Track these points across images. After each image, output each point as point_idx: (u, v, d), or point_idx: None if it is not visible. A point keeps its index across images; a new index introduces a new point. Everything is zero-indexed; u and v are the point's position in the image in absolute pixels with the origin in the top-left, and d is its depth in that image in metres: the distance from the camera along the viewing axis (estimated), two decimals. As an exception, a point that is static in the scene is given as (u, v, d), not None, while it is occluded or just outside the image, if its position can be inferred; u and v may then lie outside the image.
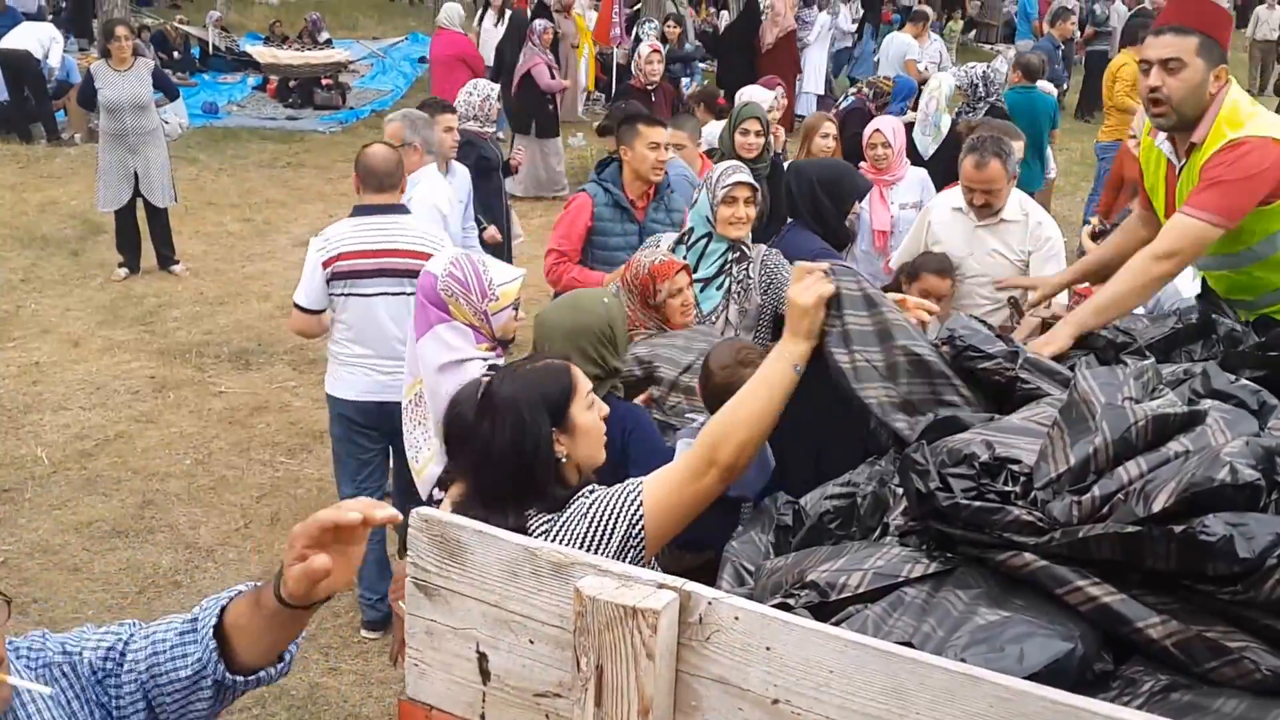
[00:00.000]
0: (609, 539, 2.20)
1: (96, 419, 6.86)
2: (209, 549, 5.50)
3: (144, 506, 5.86)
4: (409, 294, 4.39)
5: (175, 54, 17.34)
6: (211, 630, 1.75)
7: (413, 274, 4.28)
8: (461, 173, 6.44)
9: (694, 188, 4.62)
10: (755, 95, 7.07)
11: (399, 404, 3.90)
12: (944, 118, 7.77)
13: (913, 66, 12.14)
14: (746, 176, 4.16)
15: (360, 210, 4.71)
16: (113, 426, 6.75)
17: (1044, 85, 9.57)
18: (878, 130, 6.15)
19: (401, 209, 4.78)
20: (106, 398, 7.16)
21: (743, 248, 4.17)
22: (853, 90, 10.23)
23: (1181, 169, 3.14)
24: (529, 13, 16.46)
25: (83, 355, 7.84)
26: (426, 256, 4.37)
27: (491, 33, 13.60)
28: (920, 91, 8.69)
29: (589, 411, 2.45)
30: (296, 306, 4.72)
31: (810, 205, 4.54)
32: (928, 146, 7.67)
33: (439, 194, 5.60)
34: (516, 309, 3.74)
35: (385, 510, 1.65)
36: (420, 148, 5.72)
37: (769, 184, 5.50)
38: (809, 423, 2.49)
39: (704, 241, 4.15)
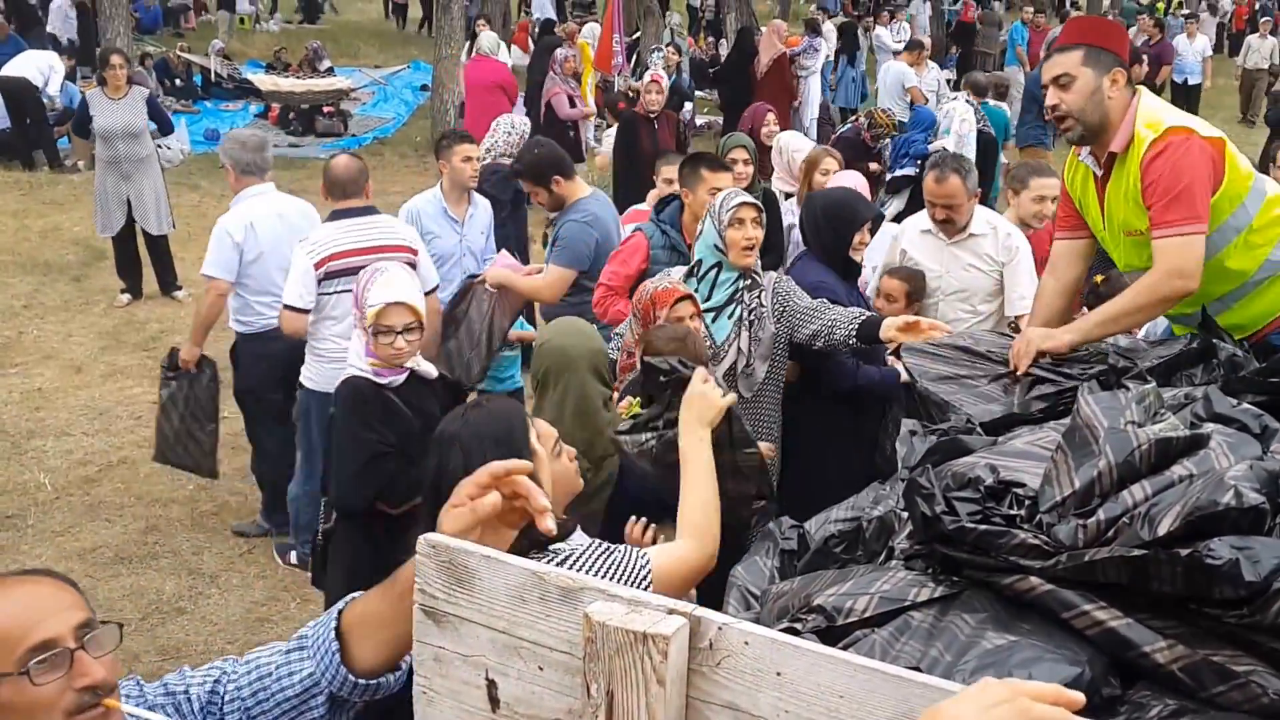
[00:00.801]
0: None
1: (99, 444, 6.86)
2: (213, 575, 5.49)
3: (147, 532, 5.86)
4: None
5: (178, 81, 17.43)
6: (332, 631, 1.72)
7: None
8: (483, 205, 6.34)
9: None
10: (793, 142, 6.92)
11: None
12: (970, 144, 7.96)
13: (917, 93, 12.19)
14: (749, 197, 4.18)
15: (338, 214, 5.10)
16: (116, 452, 6.76)
17: (994, 102, 10.37)
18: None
19: (373, 209, 5.24)
20: (109, 423, 7.17)
21: (754, 275, 4.15)
22: (851, 119, 10.31)
23: (1108, 180, 3.18)
24: (531, 39, 16.58)
25: (85, 381, 7.85)
26: (413, 250, 5.17)
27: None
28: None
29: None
30: (288, 308, 4.98)
31: (816, 235, 4.55)
32: None
33: (236, 220, 5.61)
34: (401, 334, 3.64)
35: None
36: (232, 168, 5.83)
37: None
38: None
39: (714, 271, 4.13)
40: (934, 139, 9.31)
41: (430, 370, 3.94)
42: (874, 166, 7.96)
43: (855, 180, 5.92)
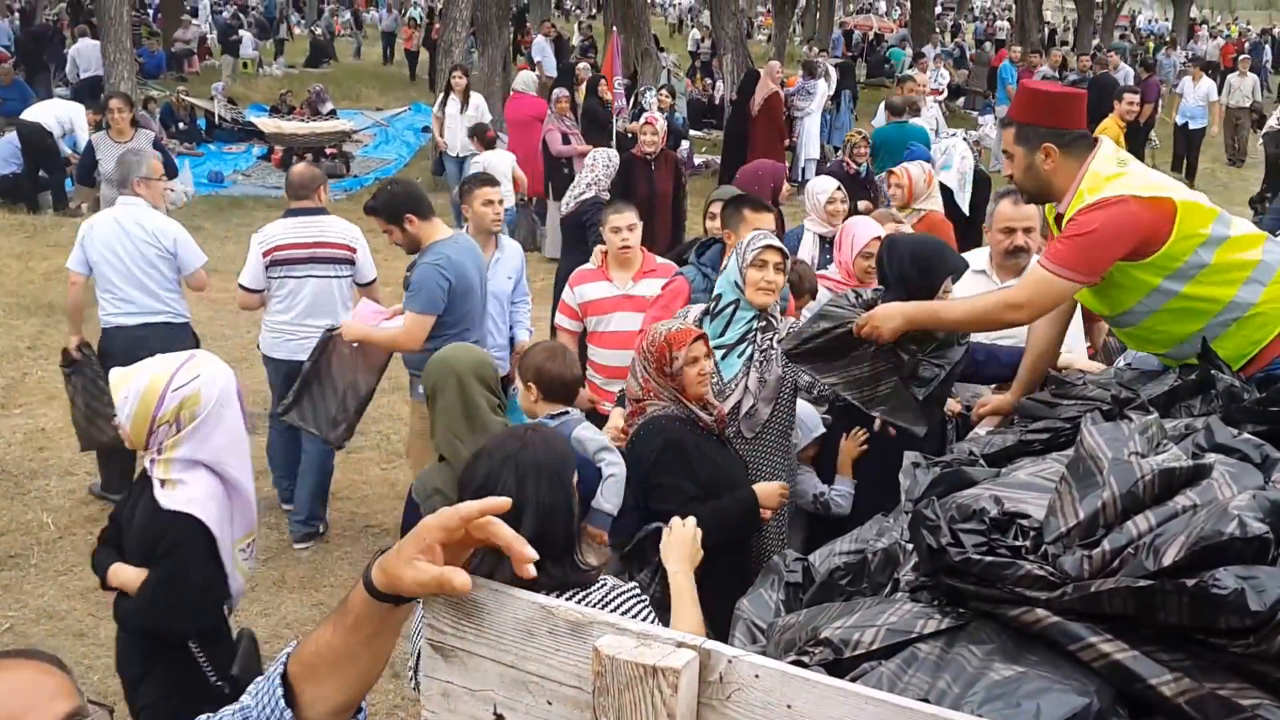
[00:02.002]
0: None
1: (103, 485, 6.86)
2: (215, 615, 5.48)
3: (150, 573, 5.83)
4: (332, 277, 6.16)
5: (182, 125, 17.57)
6: (278, 681, 1.59)
7: (337, 261, 6.18)
8: (511, 249, 6.28)
9: None
10: (819, 184, 6.52)
11: None
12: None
13: None
14: (776, 242, 4.14)
15: (290, 213, 6.18)
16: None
17: (915, 120, 11.47)
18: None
19: (322, 210, 6.23)
20: (112, 464, 7.16)
21: (770, 318, 4.13)
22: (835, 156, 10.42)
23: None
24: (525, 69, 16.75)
25: (89, 422, 7.85)
26: (350, 249, 6.22)
27: (456, 119, 13.09)
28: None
29: None
30: (240, 287, 6.17)
31: (901, 281, 4.44)
32: (966, 203, 7.92)
33: (87, 222, 6.46)
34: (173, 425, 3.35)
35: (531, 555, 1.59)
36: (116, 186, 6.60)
37: None
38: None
39: (731, 308, 4.12)
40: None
41: None
42: (863, 205, 7.94)
43: (866, 221, 5.88)
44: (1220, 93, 18.50)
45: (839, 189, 6.42)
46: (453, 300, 5.22)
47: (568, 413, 3.97)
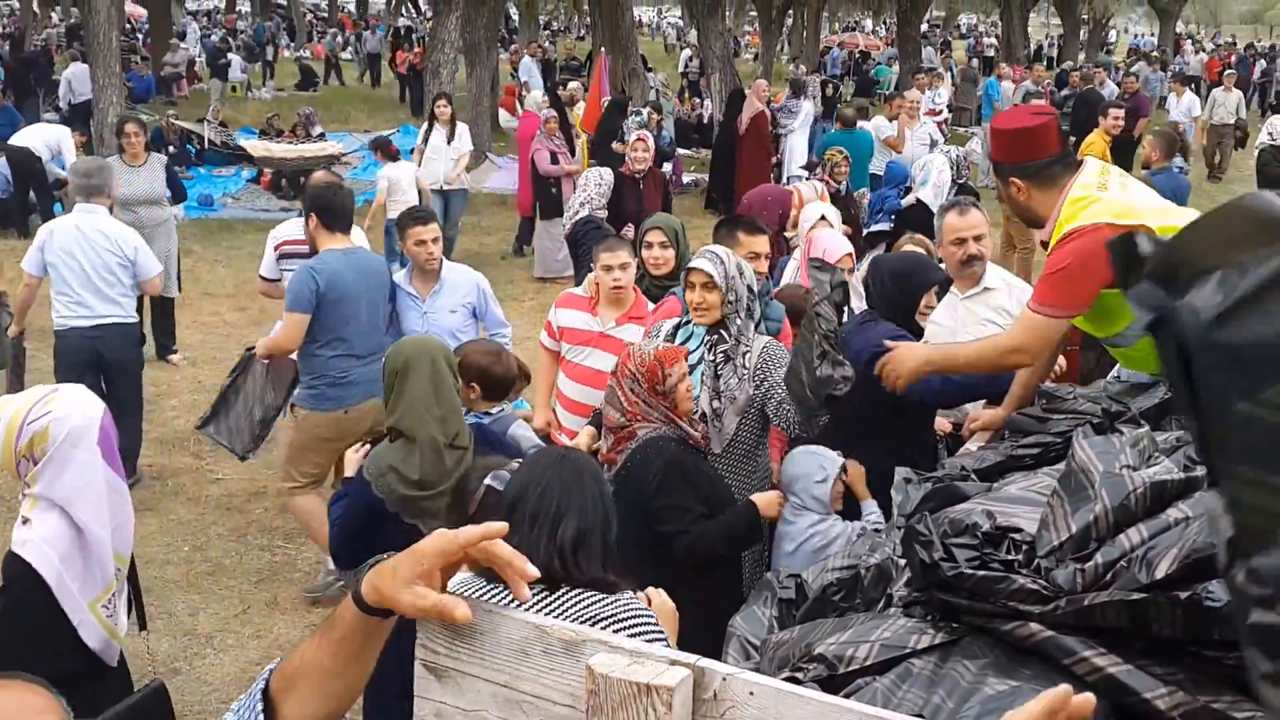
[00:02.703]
0: None
1: (93, 510, 6.83)
2: (208, 635, 5.45)
3: (143, 594, 5.81)
4: None
5: (171, 149, 17.57)
6: (259, 696, 1.59)
7: None
8: (456, 286, 5.76)
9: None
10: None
11: None
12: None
13: (894, 142, 12.31)
14: (699, 264, 4.09)
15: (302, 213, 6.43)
16: (109, 517, 6.73)
17: (864, 124, 12.20)
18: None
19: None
20: (103, 488, 7.14)
21: (722, 332, 4.09)
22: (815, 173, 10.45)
23: None
24: (519, 102, 16.78)
25: (79, 446, 7.83)
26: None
27: (442, 150, 11.89)
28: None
29: None
30: (260, 277, 6.69)
31: (883, 298, 4.45)
32: None
33: (46, 226, 6.76)
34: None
35: (532, 572, 1.58)
36: (74, 194, 6.92)
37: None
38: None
39: (689, 325, 4.15)
40: (907, 193, 9.44)
41: None
42: (846, 229, 7.73)
43: (835, 235, 5.73)
44: (1204, 108, 18.37)
45: (823, 217, 6.36)
46: (323, 306, 5.36)
47: (504, 409, 4.13)
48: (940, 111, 14.88)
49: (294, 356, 5.64)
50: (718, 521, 3.59)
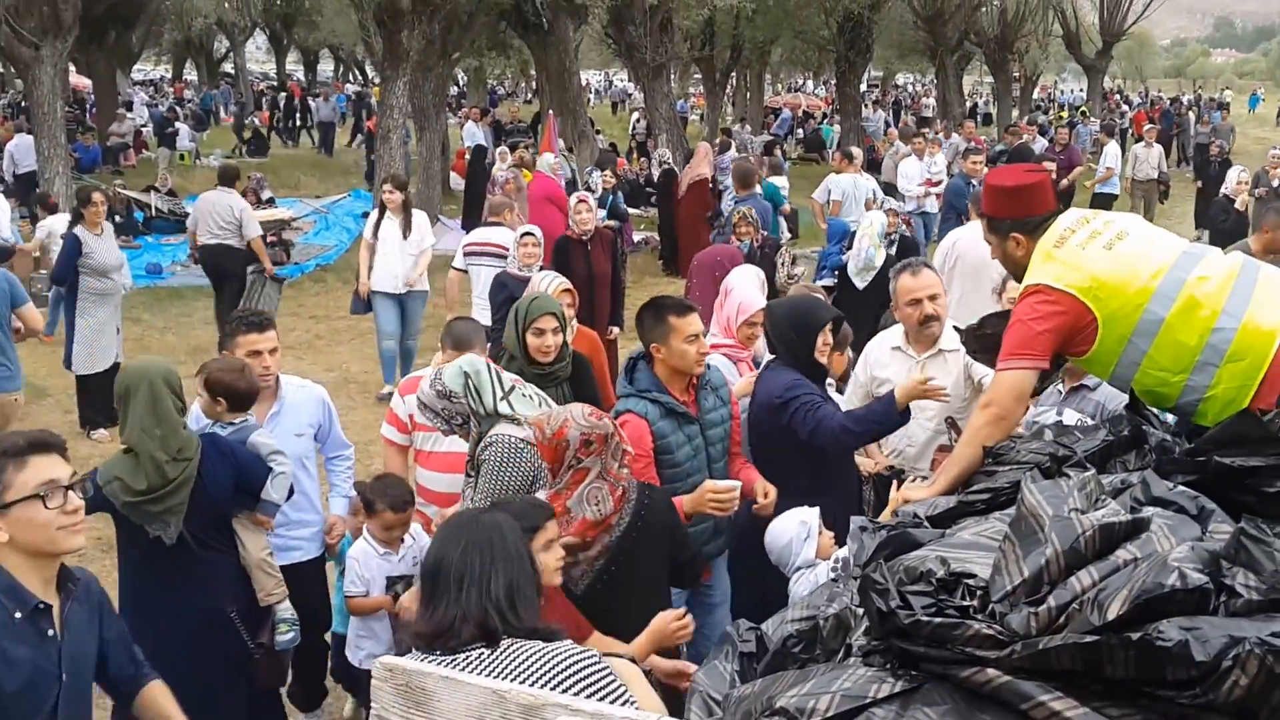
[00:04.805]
0: None
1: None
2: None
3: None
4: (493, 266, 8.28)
5: (118, 218, 17.44)
6: None
7: (497, 256, 8.55)
8: (298, 399, 4.75)
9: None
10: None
11: None
12: (877, 253, 8.08)
13: (836, 206, 12.42)
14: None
15: (485, 223, 8.45)
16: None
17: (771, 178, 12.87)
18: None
19: (500, 224, 9.11)
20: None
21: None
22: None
23: None
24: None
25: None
26: (504, 248, 8.20)
27: (396, 244, 9.47)
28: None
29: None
30: (453, 268, 9.06)
31: (781, 341, 4.50)
32: (864, 279, 8.04)
33: None
34: None
35: None
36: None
37: (573, 385, 4.91)
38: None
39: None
40: (848, 249, 9.54)
41: None
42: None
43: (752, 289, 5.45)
44: (1126, 164, 18.43)
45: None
46: None
47: (246, 420, 4.29)
48: (940, 182, 14.17)
49: None
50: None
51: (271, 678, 4.25)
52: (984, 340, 3.50)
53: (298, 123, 33.50)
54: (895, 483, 3.77)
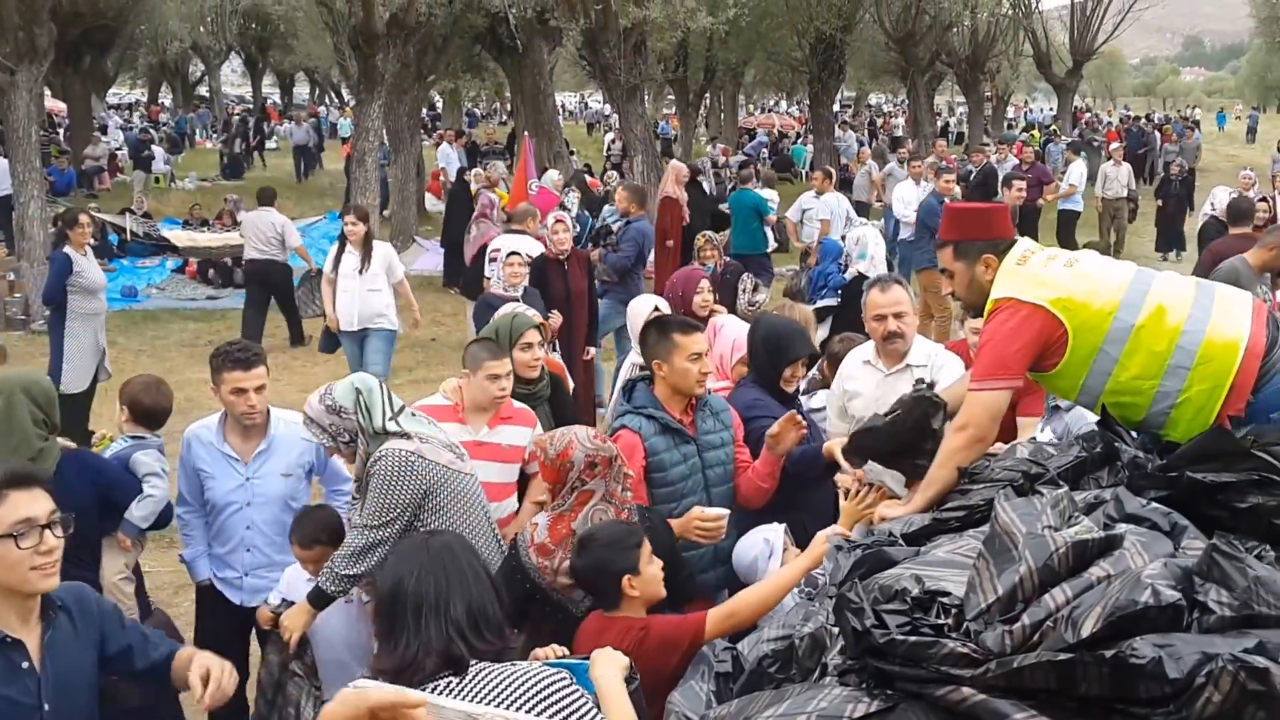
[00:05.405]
0: None
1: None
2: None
3: None
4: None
5: (93, 241, 17.34)
6: None
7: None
8: (287, 441, 4.43)
9: None
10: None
11: None
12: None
13: (826, 226, 12.44)
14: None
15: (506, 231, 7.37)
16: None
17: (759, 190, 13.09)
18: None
19: (524, 232, 8.92)
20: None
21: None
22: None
23: None
24: (444, 188, 16.84)
25: None
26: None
27: (354, 280, 8.91)
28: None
29: None
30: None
31: (753, 357, 4.53)
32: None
33: None
34: None
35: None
36: None
37: (552, 406, 5.02)
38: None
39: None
40: (848, 266, 9.61)
41: None
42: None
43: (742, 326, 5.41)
44: (1096, 183, 18.46)
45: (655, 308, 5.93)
46: None
47: (145, 437, 4.33)
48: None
49: None
50: None
51: (130, 698, 3.81)
52: (863, 451, 3.51)
53: (250, 145, 33.25)
54: (842, 493, 3.78)
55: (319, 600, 3.74)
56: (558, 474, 3.52)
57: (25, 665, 2.68)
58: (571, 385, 6.23)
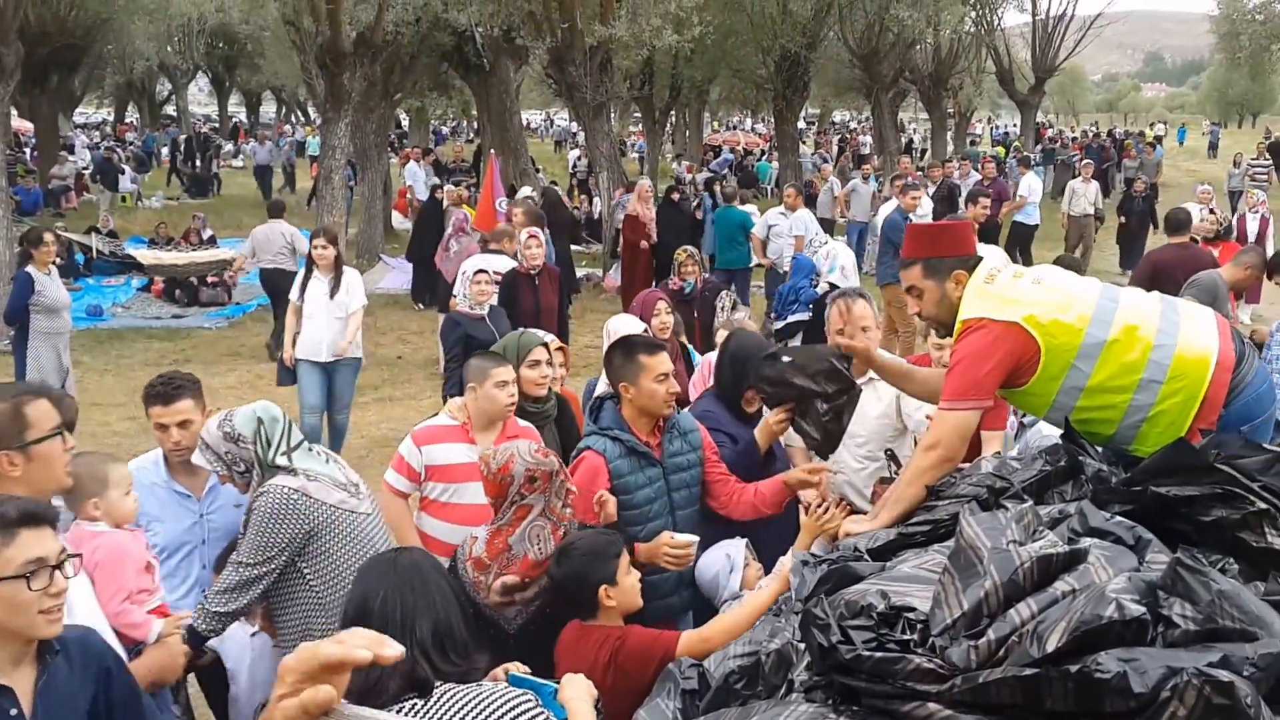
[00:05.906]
0: None
1: None
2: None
3: None
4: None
5: (59, 260, 17.16)
6: None
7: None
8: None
9: None
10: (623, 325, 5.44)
11: None
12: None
13: (800, 242, 12.50)
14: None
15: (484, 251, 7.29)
16: None
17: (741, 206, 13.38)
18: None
19: (501, 252, 9.02)
20: None
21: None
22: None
23: None
24: (411, 206, 16.81)
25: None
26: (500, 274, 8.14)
27: (323, 305, 8.38)
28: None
29: None
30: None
31: (718, 370, 4.52)
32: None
33: None
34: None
35: (394, 649, 1.53)
36: None
37: (559, 428, 4.99)
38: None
39: None
40: (818, 281, 9.67)
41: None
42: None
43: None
44: (1063, 200, 18.44)
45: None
46: None
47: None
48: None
49: None
50: None
51: None
52: (772, 382, 3.68)
53: (196, 166, 32.96)
54: (803, 509, 3.79)
55: (194, 639, 3.53)
56: (498, 488, 3.48)
57: (14, 713, 2.55)
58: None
